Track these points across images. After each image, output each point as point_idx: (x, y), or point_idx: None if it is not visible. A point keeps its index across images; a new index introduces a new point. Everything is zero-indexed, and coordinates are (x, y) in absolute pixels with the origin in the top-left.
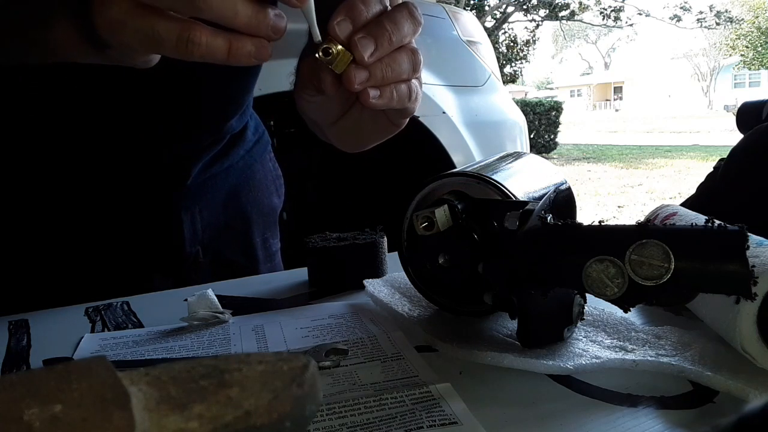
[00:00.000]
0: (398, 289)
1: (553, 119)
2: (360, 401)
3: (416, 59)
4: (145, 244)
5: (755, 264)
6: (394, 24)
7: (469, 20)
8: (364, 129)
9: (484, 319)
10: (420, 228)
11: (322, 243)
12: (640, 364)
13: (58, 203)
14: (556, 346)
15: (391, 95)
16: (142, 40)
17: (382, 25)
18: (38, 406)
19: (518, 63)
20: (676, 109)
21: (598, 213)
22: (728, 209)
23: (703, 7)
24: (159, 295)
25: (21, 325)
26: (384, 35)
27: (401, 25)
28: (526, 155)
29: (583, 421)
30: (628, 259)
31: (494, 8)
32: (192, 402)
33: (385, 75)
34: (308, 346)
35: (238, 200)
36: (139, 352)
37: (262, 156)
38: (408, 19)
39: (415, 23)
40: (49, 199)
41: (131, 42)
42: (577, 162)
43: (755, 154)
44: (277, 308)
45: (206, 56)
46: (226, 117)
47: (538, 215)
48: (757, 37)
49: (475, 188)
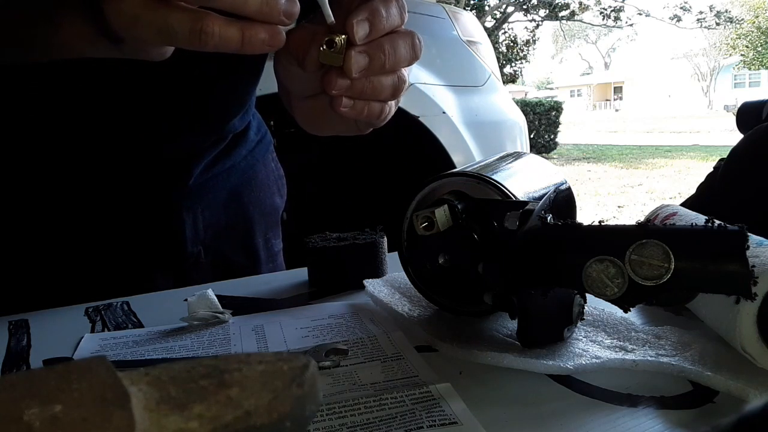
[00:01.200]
0: (398, 289)
1: (553, 119)
2: (360, 401)
3: (400, 86)
4: (147, 243)
5: (755, 264)
6: (393, 50)
7: (469, 20)
8: (328, 118)
9: (484, 319)
10: (420, 228)
11: (322, 243)
12: (640, 364)
13: (58, 202)
14: (556, 346)
15: (362, 110)
16: (155, 33)
17: (382, 48)
18: (38, 406)
19: (518, 63)
20: (676, 109)
21: (598, 213)
22: (728, 209)
23: (703, 7)
24: (159, 295)
25: (21, 325)
26: (380, 58)
27: (400, 52)
28: (526, 155)
29: (583, 421)
30: (628, 259)
31: (494, 8)
32: (192, 402)
33: (365, 91)
34: (308, 346)
35: (240, 200)
36: (139, 352)
37: (264, 156)
38: (408, 50)
39: (414, 55)
40: (50, 198)
41: (145, 35)
42: (577, 162)
43: (755, 154)
44: (277, 308)
45: (220, 46)
46: (228, 116)
47: (538, 215)
48: (757, 37)
49: (475, 188)
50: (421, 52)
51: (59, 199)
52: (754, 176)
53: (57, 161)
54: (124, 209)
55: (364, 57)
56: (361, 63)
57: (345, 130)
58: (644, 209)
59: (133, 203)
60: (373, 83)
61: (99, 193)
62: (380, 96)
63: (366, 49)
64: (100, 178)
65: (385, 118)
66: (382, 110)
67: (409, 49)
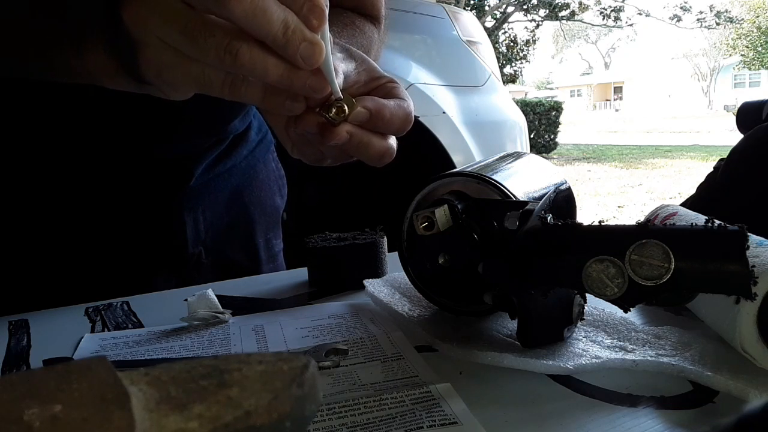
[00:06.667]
0: (398, 289)
1: (553, 119)
2: (360, 401)
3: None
4: (148, 244)
5: (755, 264)
6: (392, 118)
7: (469, 20)
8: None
9: (484, 319)
10: (420, 228)
11: (322, 243)
12: (640, 364)
13: (59, 203)
14: (556, 346)
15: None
16: (190, 81)
17: (383, 115)
18: (38, 406)
19: (518, 63)
20: (676, 109)
21: (598, 213)
22: (728, 209)
23: (703, 7)
24: (159, 295)
25: (21, 325)
26: (381, 122)
27: (395, 120)
28: (526, 155)
29: (583, 421)
30: (628, 259)
31: (494, 8)
32: (192, 402)
33: (354, 142)
34: (308, 346)
35: (241, 201)
36: (139, 352)
37: (265, 156)
38: (402, 122)
39: (404, 126)
40: (51, 199)
41: (178, 82)
42: (577, 162)
43: (755, 154)
44: (277, 308)
45: (246, 99)
46: (229, 117)
47: (538, 215)
48: (757, 37)
49: (475, 188)
50: (406, 128)
51: (60, 199)
52: (754, 176)
53: (58, 162)
54: (125, 210)
55: (365, 114)
56: (361, 118)
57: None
58: (644, 209)
59: (135, 204)
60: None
61: (100, 194)
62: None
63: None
64: (101, 178)
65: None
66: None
67: (402, 121)
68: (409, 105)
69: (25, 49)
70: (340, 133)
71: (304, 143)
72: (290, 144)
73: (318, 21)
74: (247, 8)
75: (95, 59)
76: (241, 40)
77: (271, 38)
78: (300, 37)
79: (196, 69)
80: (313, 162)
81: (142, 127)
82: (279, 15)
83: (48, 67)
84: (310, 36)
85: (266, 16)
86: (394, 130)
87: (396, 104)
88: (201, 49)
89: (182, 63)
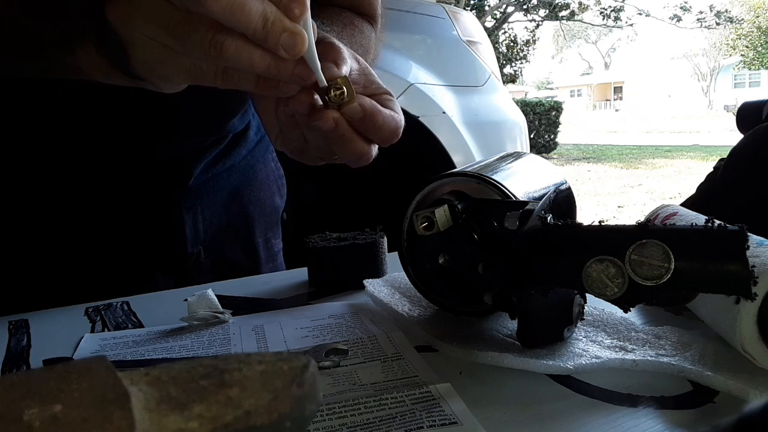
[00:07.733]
0: (398, 289)
1: (553, 119)
2: (360, 401)
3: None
4: (147, 244)
5: (755, 264)
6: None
7: (469, 20)
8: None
9: (484, 319)
10: (420, 228)
11: (322, 243)
12: (640, 364)
13: (59, 202)
14: (556, 346)
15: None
16: (183, 74)
17: (375, 120)
18: (38, 406)
19: (518, 63)
20: (676, 109)
21: (598, 213)
22: (728, 209)
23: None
24: (159, 295)
25: (21, 325)
26: (372, 126)
27: (384, 129)
28: (526, 155)
29: (583, 421)
30: (628, 259)
31: (494, 8)
32: (192, 402)
33: (338, 133)
34: (308, 346)
35: (240, 200)
36: (139, 352)
37: (264, 156)
38: (390, 133)
39: (391, 138)
40: (50, 199)
41: (170, 75)
42: (577, 162)
43: (755, 154)
44: (277, 308)
45: (240, 86)
46: (228, 116)
47: (538, 215)
48: (757, 37)
49: (475, 188)
50: (397, 135)
51: (60, 198)
52: (754, 176)
53: (58, 161)
54: (125, 209)
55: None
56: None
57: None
58: (644, 209)
59: (134, 203)
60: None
61: (99, 193)
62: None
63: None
64: (100, 177)
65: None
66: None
67: (391, 126)
68: (401, 120)
69: (20, 50)
70: (328, 117)
71: (291, 126)
72: (276, 131)
73: (300, 10)
74: (224, 4)
75: (88, 58)
76: (225, 34)
77: (251, 32)
78: (280, 28)
79: (186, 62)
80: (296, 154)
81: (141, 125)
82: (257, 8)
83: (44, 66)
84: (290, 26)
85: (244, 10)
86: (381, 139)
87: (389, 114)
88: (186, 45)
89: (172, 57)
